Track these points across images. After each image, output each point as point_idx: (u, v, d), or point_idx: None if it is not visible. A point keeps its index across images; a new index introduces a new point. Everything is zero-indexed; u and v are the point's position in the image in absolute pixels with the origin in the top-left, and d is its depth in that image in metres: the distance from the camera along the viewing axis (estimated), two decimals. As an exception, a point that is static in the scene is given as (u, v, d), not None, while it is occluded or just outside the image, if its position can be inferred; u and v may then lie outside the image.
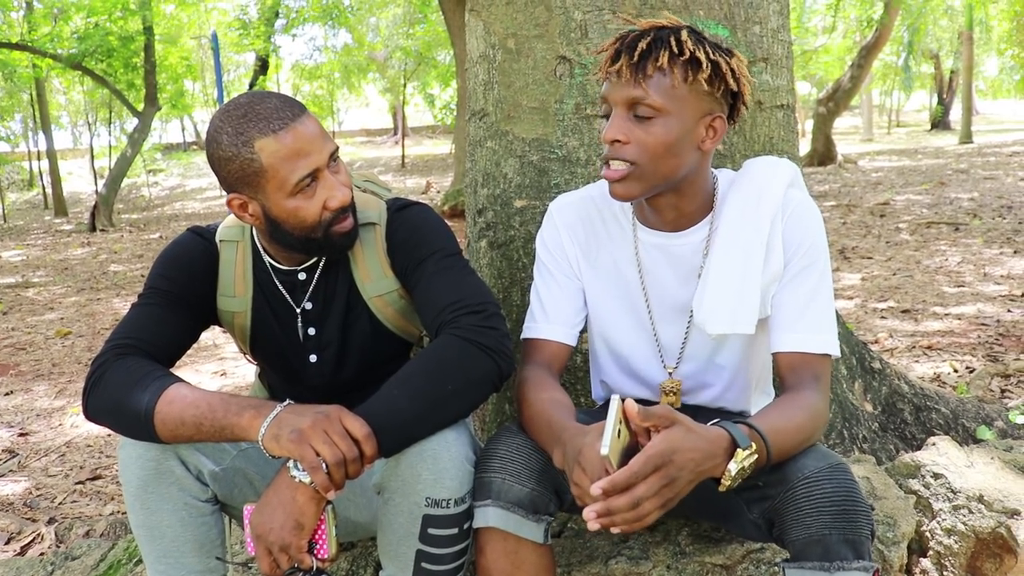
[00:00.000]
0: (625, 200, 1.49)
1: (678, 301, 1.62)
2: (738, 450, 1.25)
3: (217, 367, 5.08)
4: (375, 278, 1.66)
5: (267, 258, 1.68)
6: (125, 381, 1.45)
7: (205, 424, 1.39)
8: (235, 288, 1.69)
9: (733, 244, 1.53)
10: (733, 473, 1.24)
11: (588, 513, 1.20)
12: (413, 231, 1.64)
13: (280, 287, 1.69)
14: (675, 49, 1.41)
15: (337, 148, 1.54)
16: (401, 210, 1.68)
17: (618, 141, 1.44)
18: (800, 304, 1.50)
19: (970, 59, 21.50)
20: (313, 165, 1.47)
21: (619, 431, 1.23)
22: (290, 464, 1.35)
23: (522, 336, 1.68)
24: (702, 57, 1.42)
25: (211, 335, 5.76)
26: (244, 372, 4.88)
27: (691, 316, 1.61)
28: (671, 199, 1.54)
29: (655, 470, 1.19)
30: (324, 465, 1.30)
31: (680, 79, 1.42)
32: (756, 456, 1.27)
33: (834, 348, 1.49)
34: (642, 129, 1.43)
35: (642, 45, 1.42)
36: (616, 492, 1.19)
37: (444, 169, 22.17)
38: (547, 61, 2.10)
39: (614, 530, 1.21)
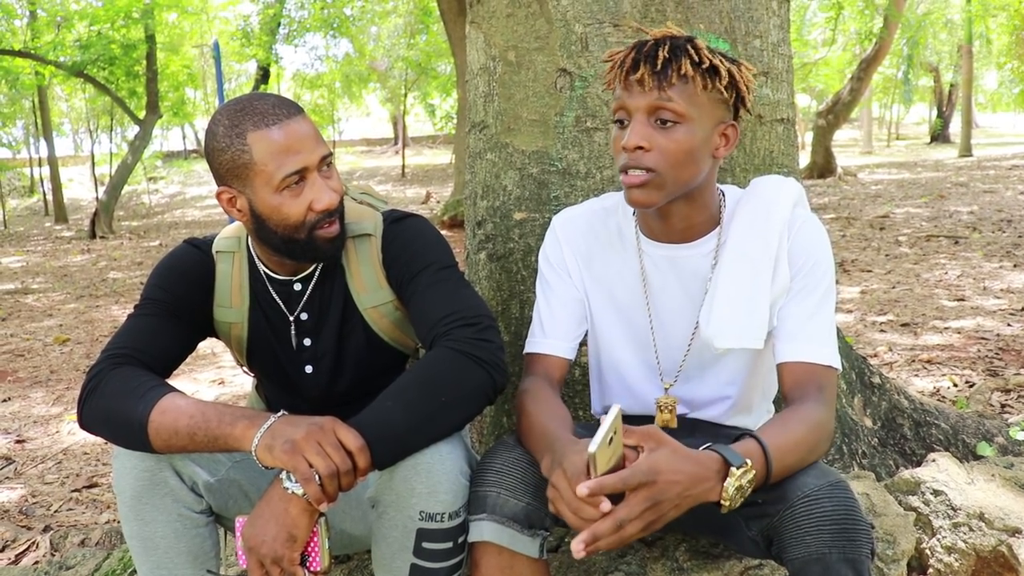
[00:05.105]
0: (645, 207, 1.47)
1: (681, 315, 1.61)
2: (732, 469, 1.23)
3: (215, 375, 5.07)
4: (370, 289, 1.66)
5: (263, 268, 1.67)
6: (120, 391, 1.45)
7: (199, 434, 1.38)
8: (231, 299, 1.68)
9: (742, 258, 1.53)
10: (731, 493, 1.23)
11: (576, 544, 1.19)
12: (409, 243, 1.64)
13: (275, 297, 1.68)
14: (695, 57, 1.42)
15: (331, 154, 1.54)
16: (397, 222, 1.67)
17: (641, 148, 1.42)
18: (804, 316, 1.50)
19: (969, 72, 21.56)
20: (302, 163, 1.48)
21: (611, 439, 1.20)
22: (283, 475, 1.34)
23: (524, 351, 1.68)
24: (720, 65, 1.43)
25: (209, 344, 5.75)
26: (242, 381, 4.87)
27: (695, 330, 1.61)
28: (683, 208, 1.54)
29: (639, 487, 1.18)
30: (317, 477, 1.29)
31: (700, 86, 1.42)
32: (754, 472, 1.25)
33: (837, 362, 1.49)
34: (664, 136, 1.42)
35: (663, 53, 1.42)
36: (600, 494, 1.17)
37: (444, 179, 22.17)
38: (547, 74, 2.10)
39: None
